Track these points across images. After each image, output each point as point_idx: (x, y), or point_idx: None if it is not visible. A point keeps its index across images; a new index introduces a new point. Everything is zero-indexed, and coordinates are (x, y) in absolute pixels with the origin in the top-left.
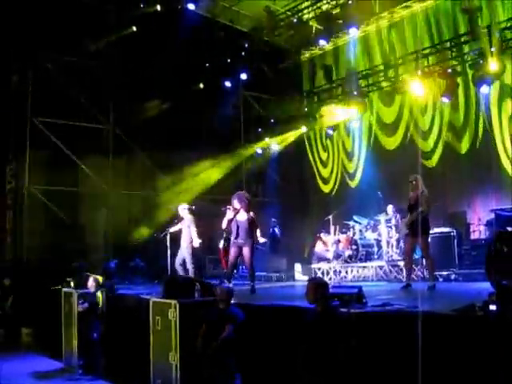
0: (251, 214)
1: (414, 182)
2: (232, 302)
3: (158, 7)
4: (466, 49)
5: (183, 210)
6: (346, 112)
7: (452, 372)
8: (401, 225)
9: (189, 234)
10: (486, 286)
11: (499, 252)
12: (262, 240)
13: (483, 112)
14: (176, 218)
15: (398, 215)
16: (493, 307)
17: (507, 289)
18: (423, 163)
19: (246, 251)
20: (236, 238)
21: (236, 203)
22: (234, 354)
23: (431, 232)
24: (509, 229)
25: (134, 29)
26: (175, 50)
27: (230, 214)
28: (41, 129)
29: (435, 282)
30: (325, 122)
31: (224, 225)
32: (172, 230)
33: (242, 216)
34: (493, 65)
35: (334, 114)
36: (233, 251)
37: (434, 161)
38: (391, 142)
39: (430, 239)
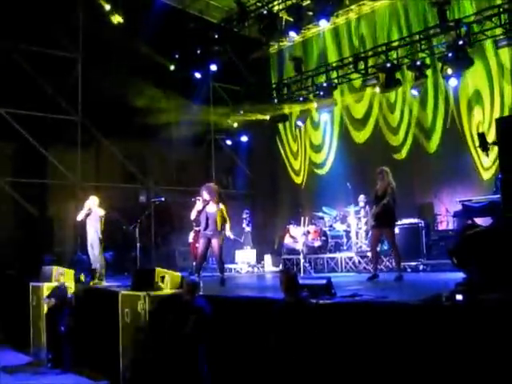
0: (221, 205)
1: (380, 175)
2: (200, 293)
3: None
4: (435, 42)
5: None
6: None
7: (419, 362)
8: (369, 217)
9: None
10: (453, 276)
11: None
12: (230, 235)
13: (452, 105)
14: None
15: (368, 207)
16: (459, 297)
17: (474, 278)
18: (392, 156)
19: (214, 243)
20: (205, 229)
21: (205, 194)
22: (202, 345)
23: (399, 223)
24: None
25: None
26: (145, 39)
27: (199, 205)
28: (7, 120)
29: (402, 273)
30: (294, 114)
31: (193, 216)
32: (79, 217)
33: (212, 208)
34: (461, 57)
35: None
36: (202, 243)
37: (402, 154)
38: (361, 136)
39: (396, 230)
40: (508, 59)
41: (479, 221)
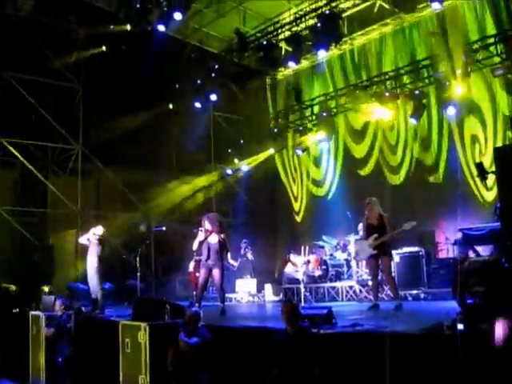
0: (222, 235)
1: (369, 205)
2: (202, 323)
3: (128, 27)
4: (432, 71)
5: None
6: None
7: None
8: (360, 246)
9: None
10: (454, 304)
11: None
12: (233, 263)
13: (448, 132)
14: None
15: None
16: (460, 326)
17: (473, 308)
18: (391, 184)
19: (216, 273)
20: (207, 259)
21: (207, 224)
22: (205, 374)
23: (400, 251)
24: (475, 251)
25: (104, 48)
26: (144, 70)
27: (201, 236)
28: (8, 149)
29: (401, 302)
30: (294, 143)
31: (195, 246)
32: (81, 240)
33: (213, 238)
34: (458, 87)
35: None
36: (203, 272)
37: (401, 179)
38: (362, 166)
39: (397, 258)
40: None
41: (480, 249)
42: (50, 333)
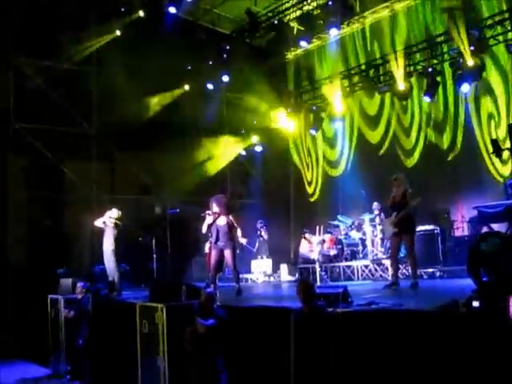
0: (230, 217)
1: (396, 181)
2: (218, 304)
3: (141, 13)
4: (446, 48)
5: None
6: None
7: (436, 368)
8: (384, 225)
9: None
10: (470, 282)
11: (481, 252)
12: (243, 240)
13: (464, 110)
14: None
15: (383, 214)
16: (476, 304)
17: (488, 285)
18: (405, 163)
19: (227, 254)
20: (216, 241)
21: (215, 206)
22: (221, 354)
23: (416, 230)
24: (490, 229)
25: (118, 33)
26: (157, 53)
27: (209, 219)
28: (23, 134)
29: (418, 280)
30: (308, 122)
31: (204, 229)
32: (97, 222)
33: (222, 220)
34: (471, 63)
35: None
36: (214, 254)
37: (414, 159)
38: (375, 142)
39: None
40: None
41: (495, 226)
42: (71, 315)
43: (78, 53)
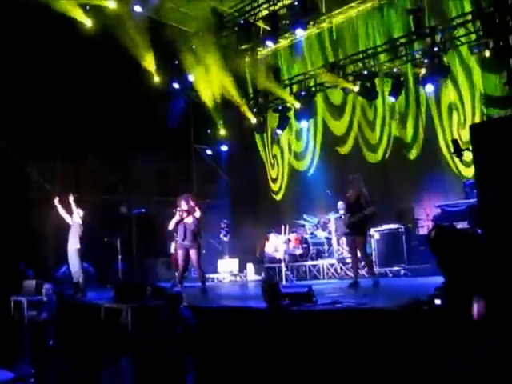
0: (197, 215)
1: (352, 183)
2: (184, 304)
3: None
4: (411, 48)
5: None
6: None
7: (399, 366)
8: (338, 223)
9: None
10: (433, 280)
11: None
12: None
13: (426, 108)
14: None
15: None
16: (438, 301)
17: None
18: (370, 161)
19: (193, 253)
20: (183, 239)
21: (183, 205)
22: (187, 355)
23: (380, 228)
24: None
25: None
26: (123, 51)
27: (177, 216)
28: None
29: (378, 278)
30: (272, 122)
31: (171, 226)
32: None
33: (189, 218)
34: (437, 64)
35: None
36: (180, 253)
37: (379, 156)
38: (339, 130)
39: (377, 236)
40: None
41: (459, 225)
42: (43, 317)
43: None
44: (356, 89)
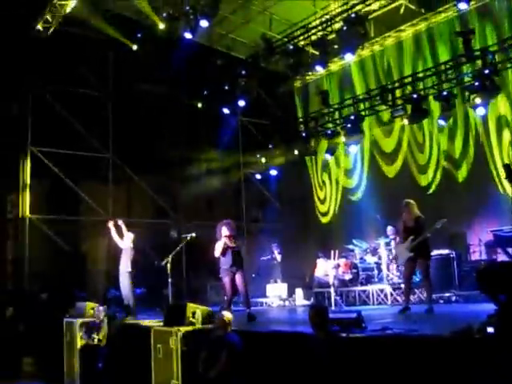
0: (239, 241)
1: (406, 207)
2: (232, 329)
3: (161, 26)
4: (461, 71)
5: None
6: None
7: None
8: (398, 249)
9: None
10: (485, 307)
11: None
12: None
13: (480, 135)
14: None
15: (398, 238)
16: (490, 329)
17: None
18: (419, 186)
19: (238, 278)
20: (231, 265)
21: (225, 230)
22: (234, 381)
23: (431, 254)
24: (506, 252)
25: (135, 48)
26: (174, 78)
27: (223, 243)
28: (41, 158)
29: (433, 305)
30: (322, 147)
31: (217, 253)
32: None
33: (233, 244)
34: (488, 86)
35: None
36: (228, 279)
37: (428, 178)
38: (390, 168)
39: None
40: None
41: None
42: (93, 340)
43: (94, 77)
44: (406, 122)
